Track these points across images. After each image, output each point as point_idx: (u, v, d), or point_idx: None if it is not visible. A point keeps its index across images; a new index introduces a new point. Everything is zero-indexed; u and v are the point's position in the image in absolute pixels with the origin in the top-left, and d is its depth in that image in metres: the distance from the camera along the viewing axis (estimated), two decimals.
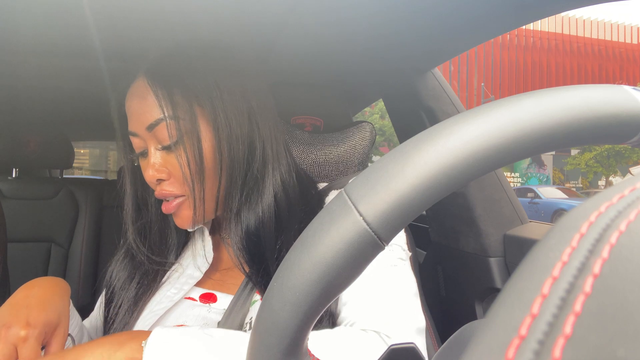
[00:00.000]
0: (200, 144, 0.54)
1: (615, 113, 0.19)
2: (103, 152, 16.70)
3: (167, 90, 0.54)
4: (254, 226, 0.57)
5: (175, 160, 0.55)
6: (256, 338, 0.21)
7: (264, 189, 0.58)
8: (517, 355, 0.10)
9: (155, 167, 0.55)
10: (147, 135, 0.55)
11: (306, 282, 0.19)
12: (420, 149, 0.19)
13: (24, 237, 1.59)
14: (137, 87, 0.56)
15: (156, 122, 0.54)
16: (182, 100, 0.54)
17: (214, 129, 0.55)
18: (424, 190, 0.18)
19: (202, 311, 0.56)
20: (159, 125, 0.54)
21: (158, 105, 0.53)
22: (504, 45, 22.57)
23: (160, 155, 0.56)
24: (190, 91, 0.54)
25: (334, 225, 0.19)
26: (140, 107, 0.55)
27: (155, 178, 0.55)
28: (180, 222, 0.58)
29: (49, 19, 0.68)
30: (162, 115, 0.53)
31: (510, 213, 0.97)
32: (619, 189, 0.13)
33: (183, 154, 0.54)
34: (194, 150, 0.54)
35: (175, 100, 0.53)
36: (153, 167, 0.55)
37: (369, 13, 0.68)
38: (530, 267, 0.12)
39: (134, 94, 0.56)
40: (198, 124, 0.54)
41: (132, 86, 0.57)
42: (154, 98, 0.54)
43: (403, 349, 0.27)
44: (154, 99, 0.54)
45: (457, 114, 0.20)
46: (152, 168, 0.55)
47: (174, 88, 0.54)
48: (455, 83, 20.86)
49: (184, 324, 0.55)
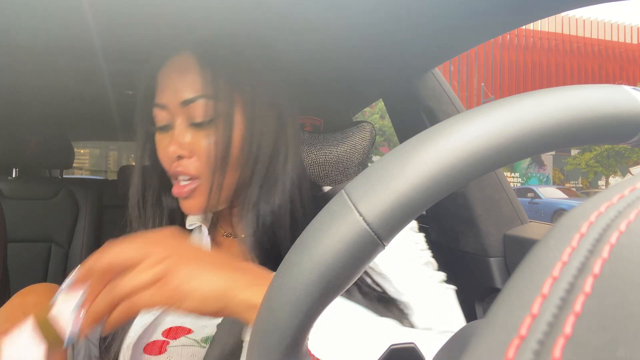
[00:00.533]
0: (231, 130, 0.54)
1: (615, 113, 0.19)
2: (103, 152, 16.70)
3: (214, 71, 0.54)
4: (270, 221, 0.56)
5: (201, 140, 0.54)
6: (256, 338, 0.21)
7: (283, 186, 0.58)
8: (517, 355, 0.10)
9: (179, 143, 0.55)
10: (179, 109, 0.55)
11: (306, 282, 0.19)
12: (420, 149, 0.19)
13: (24, 237, 1.59)
14: (178, 62, 0.56)
15: (194, 99, 0.54)
16: (225, 84, 0.54)
17: (247, 119, 0.55)
18: (424, 190, 0.18)
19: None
20: (196, 102, 0.54)
21: (201, 82, 0.54)
22: (504, 45, 22.57)
23: (187, 133, 0.55)
24: (233, 77, 0.55)
25: (334, 225, 0.19)
26: (180, 81, 0.55)
27: (177, 154, 0.55)
28: (189, 207, 0.57)
29: (49, 18, 0.68)
30: (203, 93, 0.54)
31: (510, 213, 0.97)
32: (619, 189, 0.13)
33: (214, 135, 0.54)
34: (225, 134, 0.54)
35: (218, 82, 0.54)
36: (177, 143, 0.55)
37: (369, 13, 0.68)
38: (530, 267, 0.12)
39: (174, 68, 0.56)
40: (234, 111, 0.55)
41: (172, 60, 0.57)
42: (198, 75, 0.54)
43: (403, 349, 0.27)
44: (197, 76, 0.54)
45: (457, 114, 0.20)
46: (176, 143, 0.55)
47: (220, 70, 0.54)
48: (455, 83, 20.86)
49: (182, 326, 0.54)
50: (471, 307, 0.97)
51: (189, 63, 0.55)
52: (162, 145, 0.57)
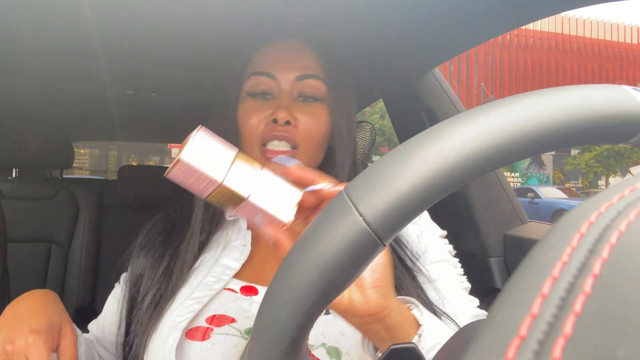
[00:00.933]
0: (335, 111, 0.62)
1: (615, 113, 0.19)
2: (103, 152, 16.70)
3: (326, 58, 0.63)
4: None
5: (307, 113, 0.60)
6: (256, 338, 0.21)
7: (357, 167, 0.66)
8: (517, 355, 0.10)
9: (289, 110, 0.59)
10: (292, 82, 0.61)
11: (306, 282, 0.19)
12: (420, 149, 0.19)
13: (24, 237, 1.59)
14: (291, 44, 0.64)
15: (309, 76, 0.61)
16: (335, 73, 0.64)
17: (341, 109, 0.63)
18: (423, 190, 0.18)
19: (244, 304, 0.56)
20: (312, 79, 0.61)
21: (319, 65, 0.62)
22: (504, 45, 22.57)
23: (294, 104, 0.61)
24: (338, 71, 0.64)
25: (334, 225, 0.19)
26: (298, 58, 0.63)
27: (286, 119, 0.58)
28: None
29: (50, 19, 0.68)
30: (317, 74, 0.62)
31: (510, 213, 0.97)
32: (619, 189, 0.13)
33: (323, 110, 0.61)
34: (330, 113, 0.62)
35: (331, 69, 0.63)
36: (287, 109, 0.59)
37: (369, 13, 0.68)
38: (530, 267, 0.12)
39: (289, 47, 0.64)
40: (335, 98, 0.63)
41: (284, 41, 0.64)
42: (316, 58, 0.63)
43: (403, 349, 0.27)
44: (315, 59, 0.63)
45: (457, 114, 0.20)
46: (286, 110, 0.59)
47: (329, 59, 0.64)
48: (455, 83, 20.86)
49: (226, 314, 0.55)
50: None
51: (302, 47, 0.63)
52: (257, 111, 0.61)
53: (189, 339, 0.53)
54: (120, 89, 1.13)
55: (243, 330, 0.53)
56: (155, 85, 1.09)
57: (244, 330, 0.53)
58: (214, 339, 0.52)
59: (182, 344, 0.52)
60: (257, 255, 0.62)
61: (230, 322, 0.54)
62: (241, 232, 0.62)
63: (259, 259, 0.62)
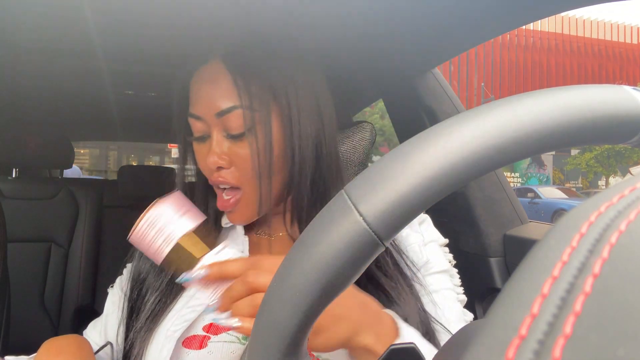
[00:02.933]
0: (271, 137, 0.53)
1: (615, 113, 0.19)
2: (103, 152, 16.70)
3: (245, 79, 0.53)
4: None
5: (240, 150, 0.54)
6: (256, 338, 0.21)
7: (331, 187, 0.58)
8: (517, 355, 0.10)
9: (218, 154, 0.54)
10: (214, 121, 0.54)
11: (306, 282, 0.19)
12: (420, 149, 0.19)
13: (24, 237, 1.59)
14: (209, 71, 0.55)
15: (229, 110, 0.53)
16: (259, 91, 0.53)
17: (286, 124, 0.54)
18: (424, 190, 0.18)
19: None
20: (231, 112, 0.53)
21: (234, 92, 0.53)
22: (504, 45, 22.57)
23: (225, 143, 0.55)
24: (267, 83, 0.54)
25: (334, 225, 0.19)
26: (212, 92, 0.54)
27: (217, 165, 0.54)
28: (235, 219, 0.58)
29: (50, 18, 0.68)
30: (238, 104, 0.52)
31: (510, 213, 0.97)
32: (619, 189, 0.13)
33: (254, 144, 0.53)
34: (265, 143, 0.53)
35: (252, 90, 0.53)
36: (215, 154, 0.54)
37: (369, 13, 0.68)
38: (530, 267, 0.12)
39: (205, 78, 0.55)
40: (271, 117, 0.54)
41: (203, 69, 0.56)
42: (231, 85, 0.53)
43: (403, 349, 0.27)
44: (230, 86, 0.53)
45: (457, 114, 0.20)
46: (214, 155, 0.54)
47: (252, 78, 0.53)
48: (455, 83, 20.85)
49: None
50: (471, 307, 0.97)
51: (220, 72, 0.54)
52: (201, 155, 0.57)
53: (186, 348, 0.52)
54: (120, 89, 1.13)
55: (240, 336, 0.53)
56: (155, 85, 1.09)
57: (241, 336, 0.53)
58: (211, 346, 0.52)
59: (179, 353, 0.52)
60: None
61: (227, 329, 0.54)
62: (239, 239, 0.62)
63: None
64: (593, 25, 24.14)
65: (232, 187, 0.56)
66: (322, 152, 0.57)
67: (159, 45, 0.80)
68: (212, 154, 0.54)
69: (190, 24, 0.65)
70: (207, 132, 0.56)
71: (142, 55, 0.86)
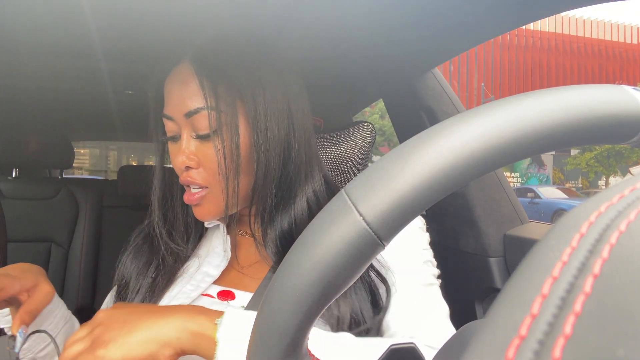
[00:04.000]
0: (237, 139, 0.54)
1: (615, 113, 0.19)
2: (103, 152, 16.70)
3: (212, 80, 0.54)
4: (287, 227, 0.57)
5: (207, 151, 0.55)
6: (256, 338, 0.21)
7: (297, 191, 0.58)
8: (517, 355, 0.10)
9: (187, 154, 0.56)
10: (184, 121, 0.56)
11: (306, 282, 0.19)
12: (420, 149, 0.19)
13: (24, 237, 1.59)
14: (180, 72, 0.56)
15: (196, 110, 0.54)
16: (226, 93, 0.54)
17: (253, 126, 0.55)
18: (424, 190, 0.18)
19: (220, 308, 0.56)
20: (198, 113, 0.54)
21: (201, 94, 0.54)
22: (504, 45, 22.57)
23: (193, 143, 0.56)
24: (234, 85, 0.55)
25: (334, 225, 0.19)
26: (181, 92, 0.55)
27: (184, 165, 0.55)
28: (200, 214, 0.58)
29: (50, 18, 0.68)
30: (204, 105, 0.53)
31: (510, 213, 0.97)
32: (619, 189, 0.13)
33: (220, 145, 0.54)
34: (231, 144, 0.54)
35: (218, 92, 0.54)
36: (184, 154, 0.56)
37: (369, 13, 0.68)
38: (530, 267, 0.12)
39: (176, 79, 0.56)
40: (238, 119, 0.54)
41: (175, 70, 0.57)
42: (198, 86, 0.54)
43: (403, 349, 0.27)
44: (197, 87, 0.54)
45: (457, 114, 0.20)
46: (183, 155, 0.56)
47: (219, 79, 0.54)
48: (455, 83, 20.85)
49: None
50: (471, 307, 0.97)
51: (189, 73, 0.55)
52: (173, 155, 0.59)
53: None
54: (120, 89, 1.13)
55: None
56: None
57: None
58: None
59: None
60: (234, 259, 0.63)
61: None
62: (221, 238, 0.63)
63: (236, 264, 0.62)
64: (593, 25, 24.13)
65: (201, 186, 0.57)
66: (291, 155, 0.58)
67: (159, 44, 0.80)
68: (180, 154, 0.56)
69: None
70: (177, 132, 0.57)
71: (142, 55, 0.86)
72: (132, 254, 0.65)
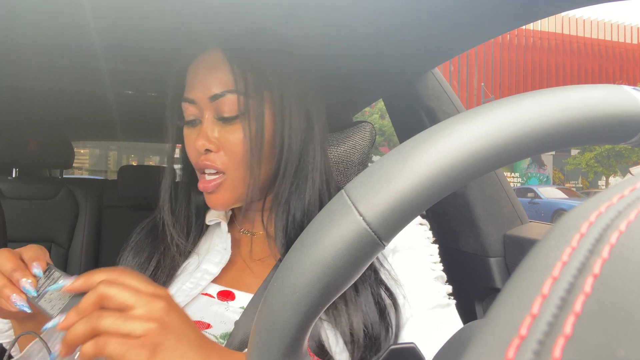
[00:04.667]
0: (263, 125, 0.55)
1: (615, 113, 0.19)
2: (103, 152, 16.70)
3: (242, 67, 0.55)
4: (300, 218, 0.57)
5: (229, 135, 0.55)
6: (256, 338, 0.21)
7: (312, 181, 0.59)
8: (517, 355, 0.10)
9: (207, 137, 0.56)
10: (207, 104, 0.56)
11: (306, 282, 0.19)
12: (420, 149, 0.19)
13: (24, 237, 1.59)
14: (208, 58, 0.57)
15: (222, 94, 0.55)
16: (253, 80, 0.55)
17: (277, 116, 0.56)
18: (424, 190, 0.18)
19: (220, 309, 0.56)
20: (224, 96, 0.55)
21: (231, 78, 0.55)
22: (504, 45, 22.57)
23: (215, 127, 0.56)
24: (263, 75, 0.56)
25: (334, 225, 0.19)
26: (209, 76, 0.56)
27: (205, 147, 0.55)
28: (214, 202, 0.58)
29: (50, 18, 0.68)
30: (232, 88, 0.55)
31: (510, 213, 0.97)
32: (619, 189, 0.13)
33: (247, 128, 0.55)
34: (257, 130, 0.55)
35: (246, 77, 0.55)
36: (205, 136, 0.56)
37: (369, 13, 0.68)
38: (530, 267, 0.12)
39: (204, 64, 0.57)
40: (263, 106, 0.55)
41: (202, 56, 0.58)
42: (228, 70, 0.55)
43: (403, 349, 0.27)
44: (227, 72, 0.55)
45: (457, 114, 0.20)
46: (204, 137, 0.56)
47: (249, 67, 0.55)
48: (455, 83, 20.86)
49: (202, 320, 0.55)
50: (471, 307, 0.97)
51: (218, 59, 0.56)
52: (190, 139, 0.58)
53: None
54: (120, 89, 1.13)
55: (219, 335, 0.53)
56: (155, 85, 1.09)
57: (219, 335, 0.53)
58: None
59: None
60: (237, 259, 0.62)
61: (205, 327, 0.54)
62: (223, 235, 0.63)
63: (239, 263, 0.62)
64: (593, 25, 24.14)
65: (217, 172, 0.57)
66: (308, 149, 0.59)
67: (159, 44, 0.80)
68: (201, 137, 0.56)
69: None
70: (198, 116, 0.58)
71: (142, 55, 0.86)
72: (133, 250, 0.64)
